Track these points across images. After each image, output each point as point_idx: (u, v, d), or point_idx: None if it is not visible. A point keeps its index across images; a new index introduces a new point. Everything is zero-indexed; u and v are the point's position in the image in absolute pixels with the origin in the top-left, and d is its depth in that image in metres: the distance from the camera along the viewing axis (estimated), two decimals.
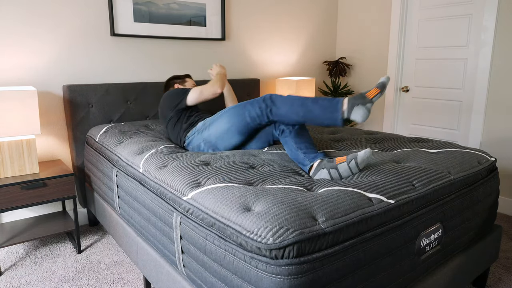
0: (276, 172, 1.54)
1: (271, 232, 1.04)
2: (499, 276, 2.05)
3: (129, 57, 2.76)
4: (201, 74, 3.15)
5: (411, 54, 3.43)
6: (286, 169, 1.60)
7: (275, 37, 3.56)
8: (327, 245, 1.09)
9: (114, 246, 2.37)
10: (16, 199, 2.06)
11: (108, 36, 2.65)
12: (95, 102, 2.54)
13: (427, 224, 1.41)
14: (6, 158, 2.12)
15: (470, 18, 2.98)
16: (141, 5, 2.73)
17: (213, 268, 1.22)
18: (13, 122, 2.06)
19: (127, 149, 1.97)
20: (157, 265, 1.61)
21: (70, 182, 2.21)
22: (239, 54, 3.35)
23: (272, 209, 1.14)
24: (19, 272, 2.07)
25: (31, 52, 2.37)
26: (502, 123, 2.86)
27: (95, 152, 2.30)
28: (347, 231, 1.14)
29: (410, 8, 3.38)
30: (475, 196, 1.65)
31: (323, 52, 3.97)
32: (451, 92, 3.19)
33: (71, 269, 2.10)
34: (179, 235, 1.39)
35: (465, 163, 1.70)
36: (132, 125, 2.48)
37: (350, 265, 1.14)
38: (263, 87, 3.58)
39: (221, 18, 3.13)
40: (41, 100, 2.46)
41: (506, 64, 2.79)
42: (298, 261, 1.02)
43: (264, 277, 1.04)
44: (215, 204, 1.25)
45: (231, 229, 1.14)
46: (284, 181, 1.42)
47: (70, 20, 2.48)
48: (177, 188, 1.44)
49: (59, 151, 2.58)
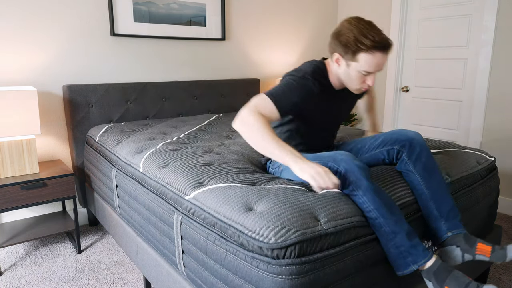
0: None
1: (273, 232, 1.04)
2: (499, 276, 2.05)
3: (129, 57, 2.76)
4: (201, 74, 3.15)
5: (411, 54, 3.43)
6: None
7: (275, 37, 3.56)
8: (328, 246, 1.09)
9: (114, 246, 2.37)
10: (16, 199, 2.06)
11: (108, 36, 2.65)
12: (95, 102, 2.54)
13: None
14: (6, 158, 2.12)
15: (470, 18, 2.98)
16: (141, 5, 2.73)
17: (214, 268, 1.22)
18: (13, 122, 2.06)
19: (126, 149, 1.97)
20: (157, 265, 1.60)
21: (70, 182, 2.21)
22: (239, 54, 3.35)
23: (274, 209, 1.14)
24: (19, 272, 2.07)
25: (31, 52, 2.37)
26: (502, 123, 2.86)
27: (95, 152, 2.30)
28: (348, 233, 1.14)
29: (410, 8, 3.38)
30: (475, 196, 1.65)
31: (323, 52, 3.97)
32: (451, 92, 3.19)
33: (71, 269, 2.10)
34: (180, 235, 1.39)
35: (464, 163, 1.70)
36: (132, 125, 2.48)
37: (351, 266, 1.14)
38: (263, 87, 3.58)
39: (221, 18, 3.13)
40: (41, 100, 2.45)
41: (506, 64, 2.79)
42: (299, 261, 1.02)
43: (265, 277, 1.04)
44: (217, 203, 1.24)
45: (232, 229, 1.14)
46: (286, 181, 1.42)
47: (70, 20, 2.48)
48: (179, 187, 1.44)
49: (59, 151, 2.58)
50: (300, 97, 1.42)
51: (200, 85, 3.03)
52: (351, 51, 1.36)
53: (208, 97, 3.09)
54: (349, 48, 1.36)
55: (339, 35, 1.39)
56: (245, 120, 1.32)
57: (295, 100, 1.41)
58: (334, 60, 1.44)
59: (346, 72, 1.43)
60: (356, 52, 1.35)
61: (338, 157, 1.29)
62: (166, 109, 2.87)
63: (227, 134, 2.33)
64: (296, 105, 1.42)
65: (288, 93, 1.40)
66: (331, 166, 1.29)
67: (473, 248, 1.33)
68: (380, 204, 1.21)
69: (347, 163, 1.26)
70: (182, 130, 2.38)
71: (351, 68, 1.40)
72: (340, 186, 1.27)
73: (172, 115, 2.91)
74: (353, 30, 1.34)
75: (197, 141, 2.11)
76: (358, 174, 1.24)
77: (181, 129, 2.41)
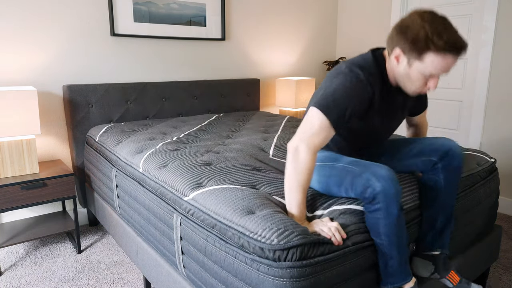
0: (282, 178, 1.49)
1: (276, 234, 1.04)
2: (499, 276, 2.05)
3: (129, 57, 2.76)
4: (201, 74, 3.15)
5: None
6: None
7: (275, 37, 3.56)
8: (329, 251, 1.08)
9: (114, 246, 2.37)
10: (16, 199, 2.06)
11: (108, 36, 2.64)
12: (95, 102, 2.54)
13: None
14: (6, 158, 2.12)
15: (470, 18, 2.98)
16: (141, 5, 2.73)
17: (214, 270, 1.22)
18: (13, 122, 2.06)
19: (126, 149, 1.97)
20: (157, 265, 1.61)
21: (70, 182, 2.21)
22: (239, 54, 3.35)
23: (277, 214, 1.14)
24: (19, 272, 2.07)
25: (31, 52, 2.37)
26: (502, 123, 2.86)
27: (95, 152, 2.30)
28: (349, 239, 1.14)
29: (410, 8, 3.37)
30: (475, 197, 1.65)
31: (323, 52, 3.97)
32: (451, 92, 3.19)
33: (71, 269, 2.10)
34: (179, 236, 1.39)
35: (464, 164, 1.70)
36: (132, 125, 2.48)
37: (351, 270, 1.14)
38: (263, 87, 3.58)
39: (221, 18, 3.13)
40: (41, 100, 2.45)
41: (506, 64, 2.79)
42: (300, 264, 1.02)
43: (265, 279, 1.04)
44: (217, 205, 1.24)
45: (233, 230, 1.14)
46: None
47: (70, 20, 2.48)
48: (178, 188, 1.44)
49: (59, 151, 2.58)
50: (355, 104, 1.25)
51: (200, 85, 3.03)
52: (417, 49, 1.17)
53: (208, 97, 3.09)
54: (416, 45, 1.17)
55: (406, 29, 1.19)
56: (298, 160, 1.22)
57: (350, 110, 1.25)
58: (393, 56, 1.26)
59: (406, 71, 1.24)
60: (424, 51, 1.16)
61: (379, 172, 1.17)
62: (166, 109, 2.87)
63: (227, 134, 2.33)
64: (352, 115, 1.26)
65: (343, 100, 1.24)
66: (367, 178, 1.17)
67: (446, 272, 1.36)
68: (395, 242, 1.18)
69: (386, 183, 1.14)
70: (182, 130, 2.38)
71: (413, 68, 1.22)
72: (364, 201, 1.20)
73: (172, 115, 2.91)
74: (425, 26, 1.15)
75: (197, 141, 2.11)
76: (393, 200, 1.15)
77: (181, 129, 2.41)
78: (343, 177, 1.26)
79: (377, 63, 1.31)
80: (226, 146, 2.01)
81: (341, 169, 1.29)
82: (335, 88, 1.25)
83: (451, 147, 1.36)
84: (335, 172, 1.30)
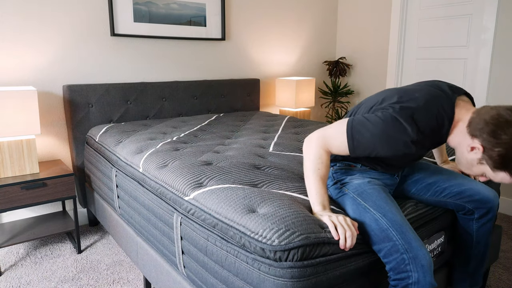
0: (283, 176, 1.49)
1: (277, 234, 1.04)
2: (499, 276, 2.05)
3: (129, 57, 2.76)
4: (201, 74, 3.15)
5: (411, 54, 3.43)
6: (294, 175, 1.53)
7: (275, 37, 3.56)
8: (332, 252, 1.08)
9: (114, 246, 2.37)
10: (16, 199, 2.05)
11: (108, 36, 2.64)
12: (95, 102, 2.54)
13: (430, 231, 1.41)
14: (6, 158, 2.11)
15: (470, 18, 2.98)
16: (141, 5, 2.73)
17: (214, 269, 1.21)
18: (13, 122, 2.06)
19: (126, 149, 1.97)
20: (157, 265, 1.60)
21: (70, 182, 2.21)
22: (239, 54, 3.35)
23: (278, 212, 1.13)
24: (19, 272, 2.07)
25: (31, 52, 2.37)
26: None
27: (95, 152, 2.29)
28: None
29: (410, 8, 3.37)
30: None
31: (323, 52, 3.97)
32: None
33: (71, 269, 2.10)
34: (180, 235, 1.39)
35: None
36: (132, 125, 2.48)
37: (353, 272, 1.14)
38: (263, 87, 3.58)
39: (221, 18, 3.13)
40: (41, 100, 2.45)
41: (506, 64, 2.79)
42: (301, 265, 1.02)
43: (266, 279, 1.04)
44: (218, 205, 1.24)
45: (234, 230, 1.13)
46: (292, 188, 1.38)
47: (70, 20, 2.48)
48: (178, 188, 1.44)
49: (59, 151, 2.58)
50: (388, 152, 1.12)
51: (200, 85, 3.03)
52: (497, 164, 1.06)
53: (208, 97, 3.09)
54: (499, 161, 1.05)
55: (498, 137, 1.03)
56: (309, 150, 1.21)
57: (374, 154, 1.14)
58: (469, 144, 1.10)
59: (472, 162, 1.12)
60: (502, 170, 1.07)
61: (420, 258, 1.06)
62: (166, 109, 2.87)
63: (227, 134, 2.33)
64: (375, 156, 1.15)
65: (374, 144, 1.11)
66: (405, 262, 1.07)
67: None
68: None
69: (424, 274, 1.05)
70: (182, 130, 2.38)
71: (481, 167, 1.10)
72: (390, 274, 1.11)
73: (172, 115, 2.91)
74: None
75: (197, 141, 2.11)
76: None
77: (181, 129, 2.41)
78: (381, 239, 1.13)
79: (441, 122, 1.11)
80: (226, 146, 2.01)
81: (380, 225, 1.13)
82: (372, 131, 1.11)
83: (489, 199, 1.32)
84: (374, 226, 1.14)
